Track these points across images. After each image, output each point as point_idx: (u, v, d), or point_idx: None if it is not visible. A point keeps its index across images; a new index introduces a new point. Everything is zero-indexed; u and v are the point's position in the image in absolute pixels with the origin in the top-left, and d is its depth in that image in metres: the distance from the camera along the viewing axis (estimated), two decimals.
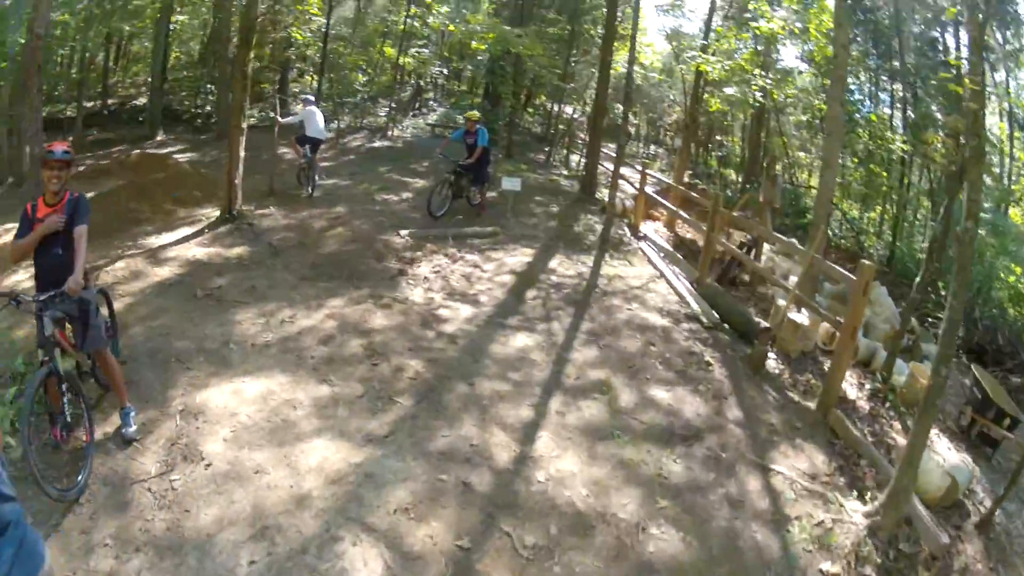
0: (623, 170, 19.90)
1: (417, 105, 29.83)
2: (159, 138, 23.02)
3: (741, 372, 8.91)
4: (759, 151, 27.67)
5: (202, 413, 6.58)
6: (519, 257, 12.37)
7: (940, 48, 20.83)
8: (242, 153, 12.78)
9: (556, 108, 28.34)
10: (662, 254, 13.71)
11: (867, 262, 7.95)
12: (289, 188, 15.54)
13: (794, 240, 15.50)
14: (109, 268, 10.08)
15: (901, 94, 22.19)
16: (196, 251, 11.13)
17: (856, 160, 21.87)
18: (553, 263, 12.31)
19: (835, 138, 12.15)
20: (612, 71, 20.15)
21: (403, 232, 12.76)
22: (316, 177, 15.56)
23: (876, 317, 12.30)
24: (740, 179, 28.61)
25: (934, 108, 20.25)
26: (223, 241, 11.76)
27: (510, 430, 6.85)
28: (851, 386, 9.58)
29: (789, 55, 33.27)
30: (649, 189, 16.51)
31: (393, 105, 26.78)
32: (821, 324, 10.25)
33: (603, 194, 17.78)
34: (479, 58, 28.87)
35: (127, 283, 9.66)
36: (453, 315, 9.56)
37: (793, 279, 13.72)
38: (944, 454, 8.00)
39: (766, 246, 14.66)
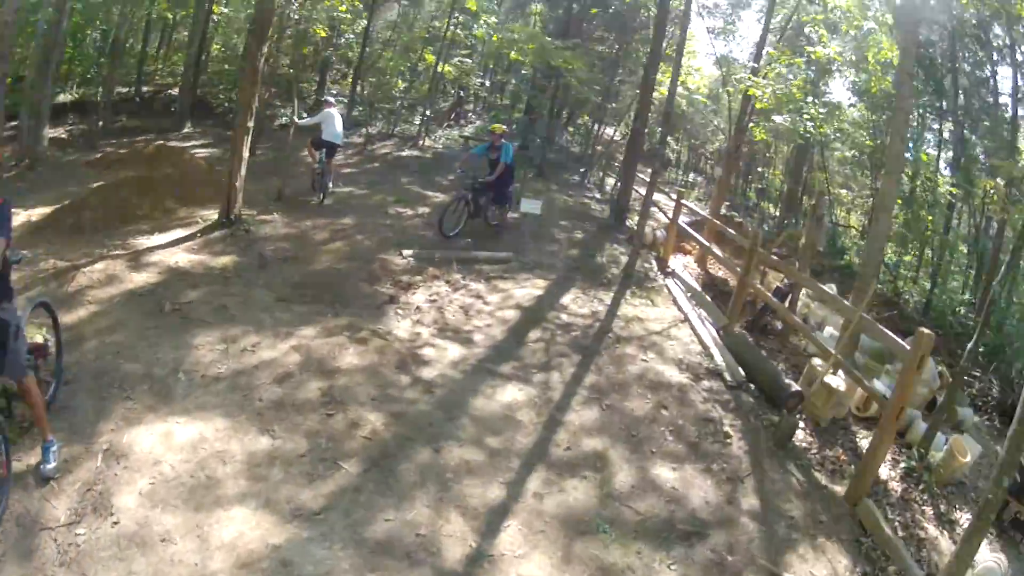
0: (658, 197, 18.94)
1: (454, 116, 28.94)
2: (185, 130, 22.73)
3: (763, 447, 7.72)
4: (800, 186, 27.02)
5: (126, 456, 5.71)
6: (529, 289, 11.19)
7: (990, 88, 19.84)
8: (246, 154, 12.06)
9: (597, 128, 27.33)
10: (689, 294, 12.55)
11: (925, 330, 6.73)
12: (301, 193, 14.79)
13: (832, 286, 14.34)
14: (87, 269, 9.40)
15: (947, 135, 21.23)
16: (180, 257, 10.30)
17: (899, 201, 20.72)
18: (566, 298, 11.12)
19: (894, 177, 10.88)
20: (656, 93, 19.10)
21: (406, 252, 11.73)
22: (329, 183, 14.83)
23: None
24: (779, 213, 27.57)
25: (979, 151, 19.23)
26: (213, 248, 10.94)
27: (471, 516, 5.74)
28: (883, 462, 8.42)
29: (837, 88, 32.38)
30: (683, 219, 15.36)
31: (429, 114, 25.94)
32: (857, 389, 9.01)
33: (635, 221, 16.49)
34: (523, 72, 28.06)
35: (99, 288, 8.92)
36: (437, 356, 8.45)
37: (829, 330, 12.55)
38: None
39: (804, 291, 13.37)
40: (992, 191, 16.28)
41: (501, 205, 13.71)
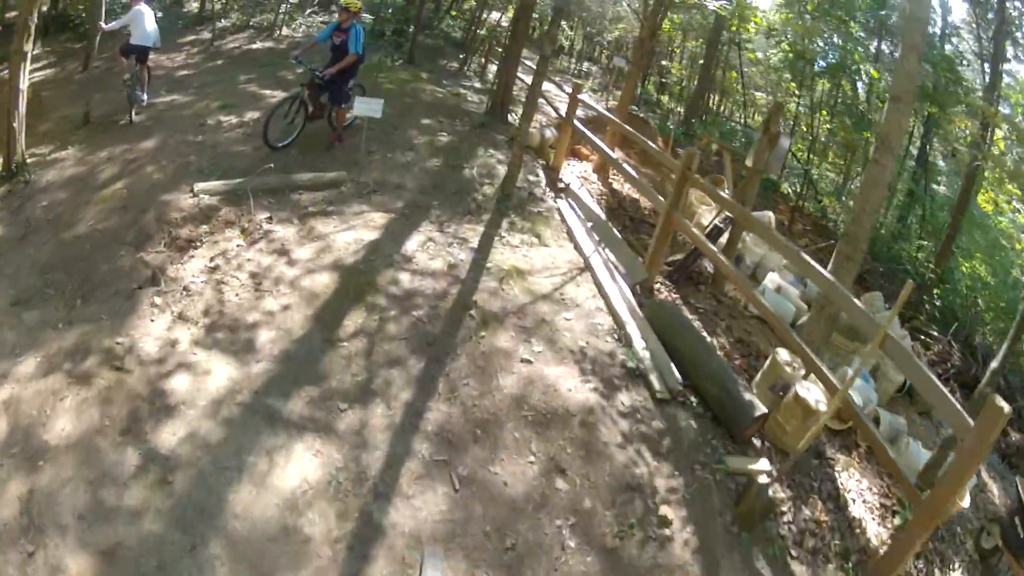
0: (549, 87, 15.64)
1: (317, 1, 25.10)
2: (35, 51, 19.15)
3: (718, 529, 4.72)
4: (708, 84, 25.17)
5: None
6: (360, 231, 7.64)
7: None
8: (23, 86, 9.65)
9: (481, 12, 23.94)
10: (590, 223, 9.32)
11: (1001, 403, 3.88)
12: (115, 112, 11.99)
13: (769, 214, 11.42)
14: None
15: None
16: None
17: (824, 112, 19.01)
18: (413, 243, 7.60)
19: (904, 106, 7.71)
20: None
21: (199, 187, 8.20)
22: (143, 96, 12.23)
23: (886, 363, 8.21)
24: (682, 111, 25.26)
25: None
26: None
27: None
28: (870, 514, 5.68)
29: None
30: (579, 115, 11.95)
31: (293, 1, 23.01)
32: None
33: (519, 117, 12.94)
34: None
35: None
36: (191, 393, 5.07)
37: (772, 277, 9.57)
38: None
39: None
40: (964, 129, 14.05)
41: (338, 105, 10.35)
